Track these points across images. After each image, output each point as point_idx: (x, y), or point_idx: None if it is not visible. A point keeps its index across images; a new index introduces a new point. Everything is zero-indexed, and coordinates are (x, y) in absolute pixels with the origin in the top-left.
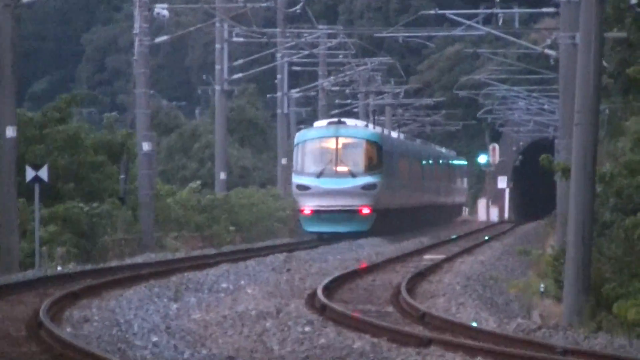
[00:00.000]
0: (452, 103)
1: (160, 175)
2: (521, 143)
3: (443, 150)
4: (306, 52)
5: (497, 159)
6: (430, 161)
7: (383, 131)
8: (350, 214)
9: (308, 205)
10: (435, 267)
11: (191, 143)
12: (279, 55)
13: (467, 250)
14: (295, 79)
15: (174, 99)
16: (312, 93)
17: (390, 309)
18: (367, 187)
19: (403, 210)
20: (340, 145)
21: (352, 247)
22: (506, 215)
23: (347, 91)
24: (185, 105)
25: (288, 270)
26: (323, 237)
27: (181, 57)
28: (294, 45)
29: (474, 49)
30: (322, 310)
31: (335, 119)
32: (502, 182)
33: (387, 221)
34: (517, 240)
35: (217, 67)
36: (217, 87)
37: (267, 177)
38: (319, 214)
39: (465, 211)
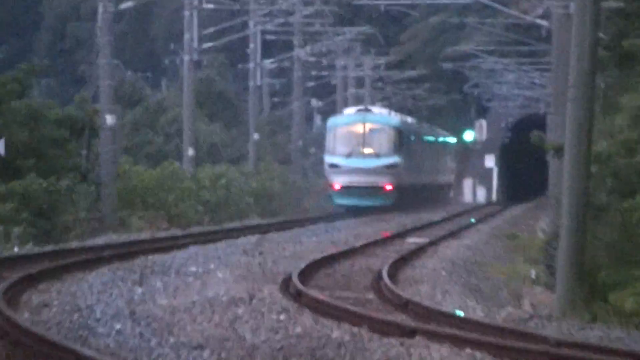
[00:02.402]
0: (436, 76)
1: (125, 151)
2: (510, 119)
3: (442, 130)
4: (281, 20)
5: (484, 136)
6: (436, 143)
7: (403, 117)
8: (375, 189)
9: (338, 182)
10: (418, 252)
11: (157, 117)
12: (251, 23)
13: (453, 234)
14: (268, 49)
15: (139, 69)
16: (287, 64)
17: (370, 296)
18: (389, 167)
19: (419, 188)
20: (367, 130)
21: (327, 228)
22: (494, 196)
23: (324, 62)
24: (151, 76)
25: (260, 253)
26: (350, 210)
27: (147, 25)
28: (268, 13)
29: (460, 19)
30: (298, 296)
31: (363, 107)
32: (490, 161)
33: (406, 197)
34: (506, 224)
35: (186, 35)
36: (186, 57)
37: (237, 154)
38: (348, 189)
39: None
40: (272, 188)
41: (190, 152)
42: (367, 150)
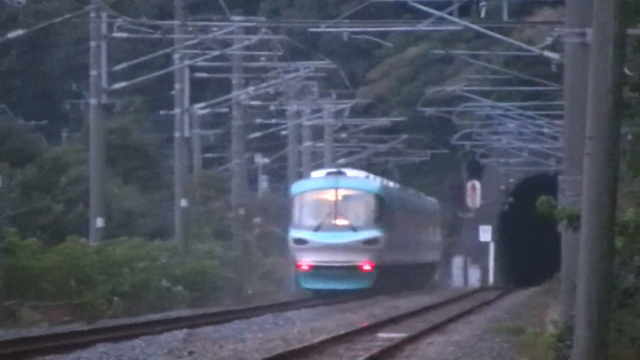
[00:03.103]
0: (416, 124)
1: (12, 222)
2: (511, 180)
3: (424, 196)
4: (215, 53)
5: (478, 201)
6: (421, 212)
7: (383, 181)
8: (350, 270)
9: (305, 261)
10: (393, 351)
11: (56, 178)
12: (176, 56)
13: (437, 327)
14: (200, 90)
15: (32, 116)
16: (224, 109)
17: None
18: (368, 242)
19: (404, 267)
20: (340, 197)
21: (278, 321)
22: (491, 278)
23: (272, 107)
24: (48, 125)
25: (190, 353)
26: (320, 295)
27: (42, 60)
28: (199, 44)
29: (446, 50)
30: None
31: (335, 170)
32: (486, 234)
33: (389, 278)
34: (506, 314)
35: (92, 73)
36: (92, 101)
37: (160, 224)
38: (317, 270)
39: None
40: (205, 269)
41: (99, 222)
42: (341, 222)
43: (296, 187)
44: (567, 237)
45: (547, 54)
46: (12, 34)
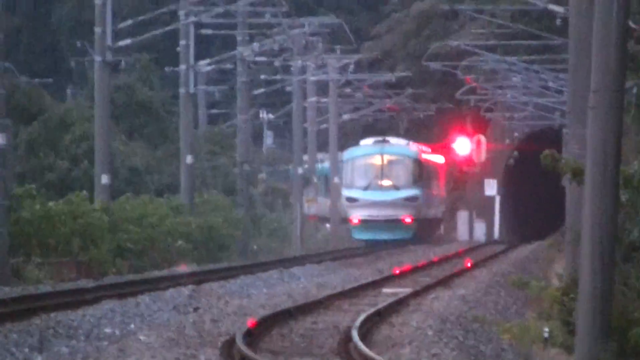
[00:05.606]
0: (421, 79)
1: (18, 179)
2: (516, 134)
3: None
4: (220, 10)
5: (483, 155)
6: (437, 169)
7: (420, 147)
8: (394, 223)
9: (356, 215)
10: (398, 305)
11: (61, 135)
12: (181, 13)
13: (442, 282)
14: (205, 47)
15: (36, 74)
16: (228, 66)
17: None
18: (409, 199)
19: (432, 221)
20: (385, 162)
21: (283, 277)
22: (496, 233)
23: (277, 63)
24: (53, 82)
25: (196, 309)
26: (368, 245)
27: (47, 17)
28: (204, 0)
29: (451, 5)
30: None
31: (380, 138)
32: (491, 188)
33: (426, 230)
34: (511, 268)
35: (97, 30)
36: (97, 58)
37: (166, 181)
38: (366, 223)
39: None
40: (211, 226)
41: (104, 179)
42: (386, 183)
43: (348, 153)
44: (571, 191)
45: (552, 7)
46: None
